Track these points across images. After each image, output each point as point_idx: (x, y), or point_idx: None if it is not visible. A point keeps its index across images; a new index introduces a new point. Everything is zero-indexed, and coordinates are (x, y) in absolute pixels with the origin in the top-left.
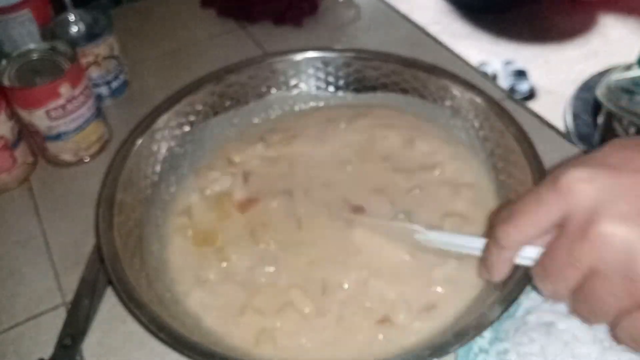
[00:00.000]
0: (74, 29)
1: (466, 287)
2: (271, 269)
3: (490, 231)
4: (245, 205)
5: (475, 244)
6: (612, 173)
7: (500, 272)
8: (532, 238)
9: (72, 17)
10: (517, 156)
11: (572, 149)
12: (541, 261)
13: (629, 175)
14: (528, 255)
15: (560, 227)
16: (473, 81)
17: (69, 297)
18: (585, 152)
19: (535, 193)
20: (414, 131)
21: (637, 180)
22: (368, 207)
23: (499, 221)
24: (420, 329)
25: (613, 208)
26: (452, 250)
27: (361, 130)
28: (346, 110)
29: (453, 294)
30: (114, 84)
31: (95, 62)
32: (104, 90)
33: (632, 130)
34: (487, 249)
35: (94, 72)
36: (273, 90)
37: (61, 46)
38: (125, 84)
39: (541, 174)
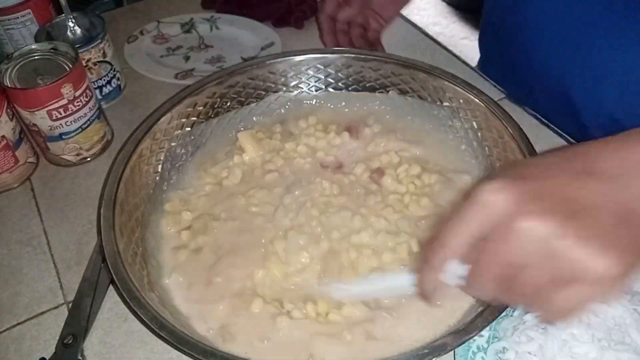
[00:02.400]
0: (70, 33)
1: None
2: (250, 281)
3: (426, 256)
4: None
5: (404, 280)
6: (520, 182)
7: (434, 293)
8: (459, 253)
9: (68, 21)
10: (516, 156)
11: None
12: (471, 270)
13: (534, 183)
14: (460, 274)
15: (484, 240)
16: (472, 82)
17: (71, 296)
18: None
19: (457, 212)
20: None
21: (542, 186)
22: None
23: (432, 248)
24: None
25: (523, 208)
26: (383, 295)
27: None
28: (342, 119)
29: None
30: (106, 89)
31: (87, 67)
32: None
33: None
34: (421, 275)
35: None
36: (273, 92)
37: (63, 47)
38: (118, 88)
39: None
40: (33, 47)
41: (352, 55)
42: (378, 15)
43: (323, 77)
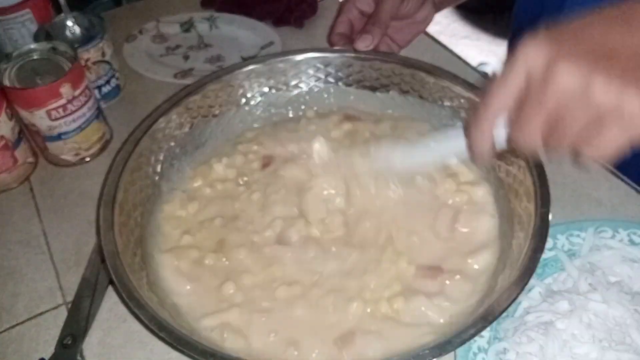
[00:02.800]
0: (69, 32)
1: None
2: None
3: (474, 110)
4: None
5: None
6: (556, 33)
7: (485, 146)
8: (508, 101)
9: (67, 20)
10: (517, 156)
11: None
12: (514, 115)
13: (570, 32)
14: (502, 137)
15: (525, 89)
16: (472, 81)
17: (70, 296)
18: None
19: (502, 70)
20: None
21: (577, 33)
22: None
23: (479, 102)
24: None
25: (561, 53)
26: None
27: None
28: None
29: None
30: (105, 89)
31: (85, 67)
32: (94, 94)
33: None
34: (471, 136)
35: None
36: (273, 91)
37: (62, 46)
38: (117, 88)
39: (540, 172)
40: (32, 46)
41: (353, 55)
42: (390, 39)
43: (323, 76)
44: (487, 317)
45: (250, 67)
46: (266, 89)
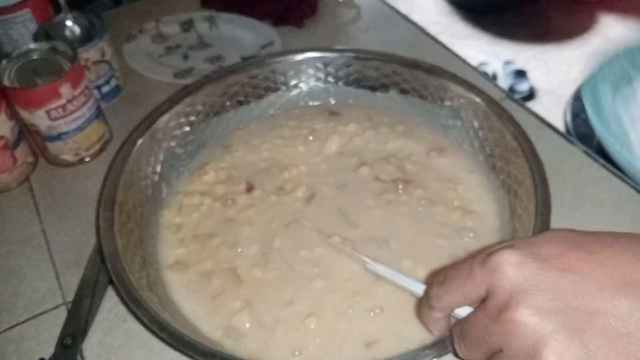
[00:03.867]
0: (68, 32)
1: None
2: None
3: (427, 288)
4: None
5: (416, 288)
6: (539, 265)
7: (433, 328)
8: (461, 304)
9: (67, 20)
10: (517, 156)
11: (572, 149)
12: (461, 327)
13: (553, 272)
14: (460, 313)
15: (485, 300)
16: (473, 81)
17: (70, 296)
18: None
19: (469, 265)
20: (409, 136)
21: (560, 279)
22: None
23: (434, 283)
24: None
25: (530, 298)
26: (396, 283)
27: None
28: (344, 118)
29: None
30: (105, 89)
31: (85, 67)
32: (94, 94)
33: None
34: (421, 306)
35: None
36: (273, 91)
37: (61, 46)
38: (117, 88)
39: (540, 173)
40: (32, 46)
41: (353, 55)
42: None
43: (323, 76)
44: None
45: (250, 67)
46: (265, 89)
